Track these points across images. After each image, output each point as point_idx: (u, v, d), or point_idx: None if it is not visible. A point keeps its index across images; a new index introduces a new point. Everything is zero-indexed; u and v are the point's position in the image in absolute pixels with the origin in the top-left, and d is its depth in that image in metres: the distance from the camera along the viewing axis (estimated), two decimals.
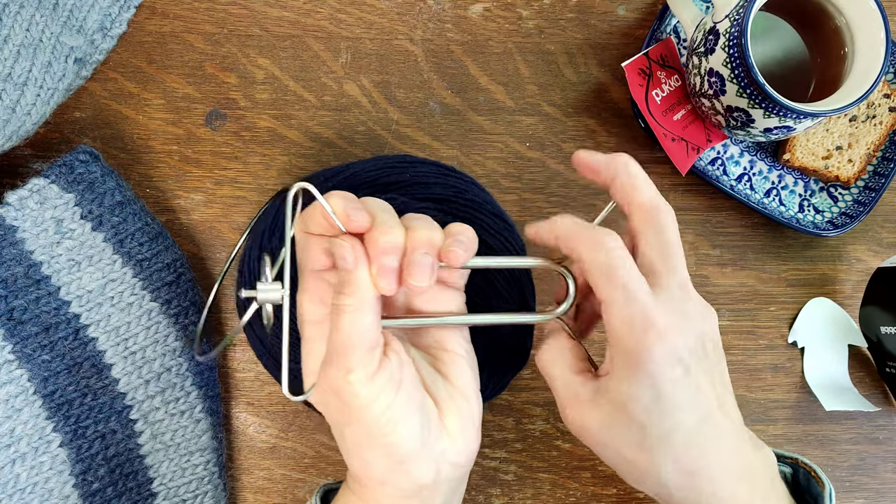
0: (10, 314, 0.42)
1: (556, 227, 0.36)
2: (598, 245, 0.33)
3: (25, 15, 0.43)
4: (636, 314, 0.32)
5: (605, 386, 0.34)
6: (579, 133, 0.52)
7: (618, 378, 0.33)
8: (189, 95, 0.49)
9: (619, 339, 0.33)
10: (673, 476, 0.33)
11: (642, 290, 0.33)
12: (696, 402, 0.33)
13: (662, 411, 0.32)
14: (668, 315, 0.32)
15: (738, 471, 0.34)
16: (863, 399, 0.51)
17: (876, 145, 0.51)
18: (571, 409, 0.35)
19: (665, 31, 0.51)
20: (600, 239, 0.34)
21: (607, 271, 0.33)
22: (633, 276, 0.33)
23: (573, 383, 0.35)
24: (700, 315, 0.34)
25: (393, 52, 0.51)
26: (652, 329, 0.32)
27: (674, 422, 0.33)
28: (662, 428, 0.33)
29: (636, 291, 0.33)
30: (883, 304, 0.50)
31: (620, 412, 0.33)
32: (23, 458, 0.42)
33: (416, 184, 0.44)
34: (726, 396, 0.35)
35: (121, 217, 0.44)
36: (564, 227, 0.35)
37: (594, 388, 0.34)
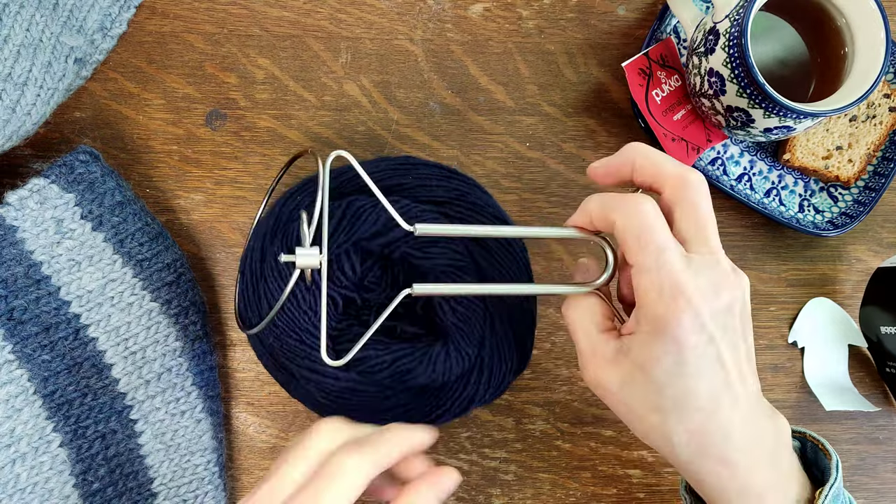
0: (10, 314, 0.42)
1: (587, 206, 0.37)
2: (632, 209, 0.34)
3: (25, 15, 0.43)
4: (666, 280, 0.33)
5: (628, 345, 0.34)
6: (579, 133, 0.52)
7: (642, 340, 0.34)
8: (189, 95, 0.49)
9: (647, 304, 0.33)
10: (683, 438, 0.34)
11: (675, 256, 0.33)
12: (715, 370, 0.33)
13: (681, 376, 0.33)
14: (697, 282, 0.33)
15: (748, 438, 0.34)
16: (863, 399, 0.51)
17: (876, 145, 0.51)
18: (591, 364, 0.36)
19: (665, 31, 0.51)
20: (635, 203, 0.34)
21: (640, 235, 0.33)
22: (667, 241, 0.33)
23: (596, 340, 0.36)
24: (730, 283, 0.34)
25: (393, 52, 0.51)
26: (681, 296, 0.32)
27: (690, 387, 0.33)
28: (679, 391, 0.33)
29: (668, 257, 0.33)
30: (883, 304, 0.50)
31: (640, 372, 0.34)
32: (23, 458, 0.42)
33: (418, 186, 0.44)
34: (746, 365, 0.35)
35: (121, 217, 0.44)
36: (596, 202, 0.36)
37: (616, 346, 0.35)
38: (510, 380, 0.45)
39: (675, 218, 0.35)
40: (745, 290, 0.35)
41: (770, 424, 0.36)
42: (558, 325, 0.50)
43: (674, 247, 0.33)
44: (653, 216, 0.34)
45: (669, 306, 0.32)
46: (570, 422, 0.50)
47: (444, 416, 0.44)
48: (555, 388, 0.50)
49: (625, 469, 0.50)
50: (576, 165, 0.51)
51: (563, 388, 0.50)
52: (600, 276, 0.38)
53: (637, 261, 0.34)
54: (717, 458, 0.34)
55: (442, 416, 0.44)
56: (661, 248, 0.33)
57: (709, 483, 0.35)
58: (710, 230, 0.34)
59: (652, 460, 0.50)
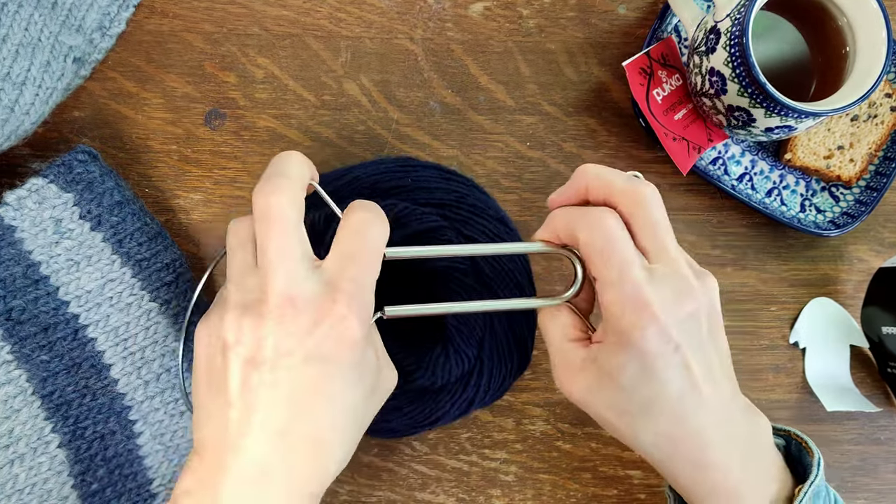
0: (8, 314, 0.42)
1: (553, 221, 0.37)
2: (595, 224, 0.35)
3: (24, 14, 0.43)
4: (628, 294, 0.33)
5: (596, 354, 0.35)
6: (580, 132, 0.52)
7: (608, 349, 0.34)
8: (188, 95, 0.49)
9: (612, 317, 0.34)
10: (652, 440, 0.35)
11: (637, 270, 0.34)
12: (682, 377, 0.34)
13: (648, 382, 0.34)
14: (660, 294, 0.33)
15: (720, 440, 0.35)
16: (864, 399, 0.51)
17: (877, 145, 0.51)
18: (560, 372, 0.37)
19: (666, 30, 0.51)
20: (598, 218, 0.35)
21: (602, 250, 0.34)
22: (629, 255, 0.34)
23: (566, 349, 0.37)
24: (693, 292, 0.34)
25: (393, 52, 0.51)
26: (645, 309, 0.33)
27: (657, 393, 0.34)
28: (645, 397, 0.34)
29: (630, 271, 0.33)
30: (884, 305, 0.49)
31: (607, 379, 0.34)
32: (21, 458, 0.42)
33: (417, 188, 0.44)
34: (719, 369, 0.35)
35: (120, 217, 0.44)
36: (561, 217, 0.37)
37: (584, 354, 0.36)
38: (510, 381, 0.45)
39: (633, 231, 0.35)
40: (712, 295, 0.36)
41: (747, 425, 0.36)
42: None
43: (636, 260, 0.34)
44: (615, 230, 0.34)
45: (634, 320, 0.33)
46: (570, 422, 0.50)
47: (445, 418, 0.44)
48: (555, 389, 0.50)
49: (626, 470, 0.50)
50: (576, 165, 0.51)
51: None
52: (569, 289, 0.38)
53: (601, 275, 0.34)
54: (688, 459, 0.35)
55: (442, 418, 0.44)
56: (624, 263, 0.34)
57: (682, 484, 0.36)
58: (668, 240, 0.35)
59: None
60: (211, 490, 0.31)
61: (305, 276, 0.32)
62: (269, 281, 0.32)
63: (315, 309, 0.32)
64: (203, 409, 0.33)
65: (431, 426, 0.45)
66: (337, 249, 0.34)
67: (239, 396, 0.32)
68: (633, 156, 0.52)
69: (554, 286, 0.50)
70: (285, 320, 0.31)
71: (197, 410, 0.33)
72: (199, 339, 0.34)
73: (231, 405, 0.32)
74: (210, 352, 0.33)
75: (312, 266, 0.33)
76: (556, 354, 0.37)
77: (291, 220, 0.33)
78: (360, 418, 0.34)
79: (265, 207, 0.33)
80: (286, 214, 0.33)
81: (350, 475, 0.48)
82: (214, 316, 0.33)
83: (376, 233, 0.34)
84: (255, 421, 0.31)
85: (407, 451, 0.49)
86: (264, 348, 0.31)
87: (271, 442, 0.32)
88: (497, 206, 0.46)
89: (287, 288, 0.32)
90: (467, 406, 0.44)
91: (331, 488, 0.48)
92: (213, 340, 0.33)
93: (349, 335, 0.32)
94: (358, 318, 0.32)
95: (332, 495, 0.48)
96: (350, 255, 0.33)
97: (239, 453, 0.31)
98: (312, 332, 0.32)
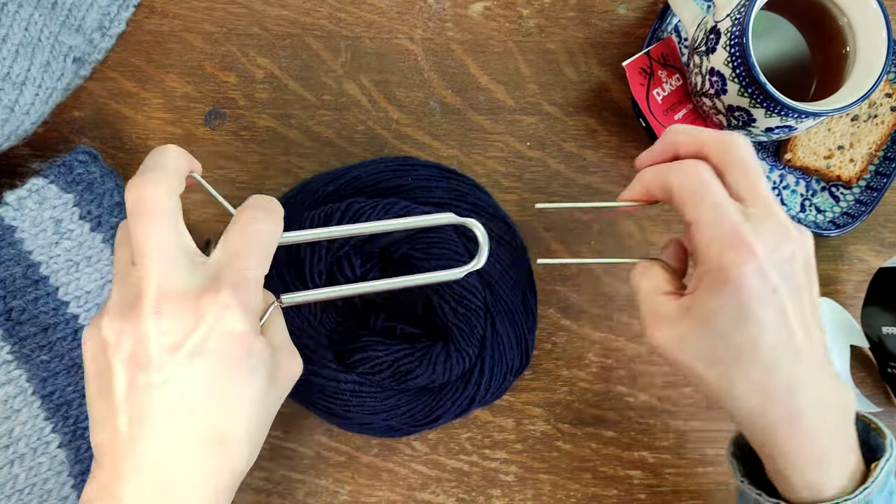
0: (8, 314, 0.42)
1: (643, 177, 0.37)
2: (687, 170, 0.35)
3: (24, 14, 0.43)
4: (725, 232, 0.33)
5: (689, 303, 0.35)
6: (580, 132, 0.51)
7: (703, 294, 0.34)
8: (188, 95, 0.49)
9: (707, 258, 0.34)
10: (745, 389, 0.34)
11: (732, 209, 0.34)
12: (778, 321, 0.33)
13: (745, 324, 0.33)
14: (756, 233, 0.33)
15: (814, 398, 0.34)
16: (864, 399, 0.51)
17: (878, 145, 0.51)
18: (651, 325, 0.36)
19: (666, 30, 0.51)
20: (689, 165, 0.35)
21: (695, 191, 0.34)
22: (721, 196, 0.34)
23: (658, 302, 0.36)
24: (791, 235, 0.34)
25: (393, 52, 0.51)
26: (742, 246, 0.33)
27: (754, 336, 0.33)
28: (741, 341, 0.33)
29: (725, 210, 0.33)
30: (885, 305, 0.49)
31: (702, 326, 0.34)
32: (21, 458, 0.42)
33: (418, 188, 0.44)
34: (812, 323, 0.35)
35: (120, 218, 0.44)
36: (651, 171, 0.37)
37: (677, 305, 0.35)
38: (511, 380, 0.45)
39: (726, 181, 0.35)
40: (808, 244, 0.35)
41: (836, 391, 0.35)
42: (559, 326, 0.50)
43: (730, 202, 0.34)
44: (707, 175, 0.34)
45: (730, 257, 0.33)
46: (570, 422, 0.50)
47: (445, 416, 0.44)
48: (555, 389, 0.50)
49: (626, 470, 0.50)
50: (576, 165, 0.51)
51: (563, 389, 0.50)
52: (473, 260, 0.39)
53: (695, 217, 0.34)
54: (779, 415, 0.34)
55: (442, 417, 0.44)
56: (718, 203, 0.34)
57: (770, 442, 0.35)
58: (762, 185, 0.35)
59: (653, 461, 0.50)
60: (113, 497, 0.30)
61: (185, 268, 0.31)
62: (145, 275, 0.30)
63: (197, 302, 0.31)
64: (96, 415, 0.32)
65: (432, 425, 0.45)
66: (223, 245, 0.33)
67: (126, 400, 0.30)
68: (634, 156, 0.51)
69: (554, 285, 0.50)
70: (164, 315, 0.30)
71: (91, 416, 0.32)
72: (84, 343, 0.32)
73: (119, 410, 0.30)
74: (94, 355, 0.31)
75: (193, 260, 0.32)
76: (646, 308, 0.37)
77: (164, 211, 0.31)
78: (261, 411, 0.33)
79: (136, 200, 0.31)
80: (158, 205, 0.31)
81: (350, 475, 0.48)
82: (97, 317, 0.32)
83: (265, 228, 0.34)
84: (147, 424, 0.30)
85: (407, 451, 0.49)
86: (146, 346, 0.30)
87: (167, 444, 0.30)
88: (497, 204, 0.46)
89: (164, 281, 0.30)
90: (468, 405, 0.44)
91: (331, 488, 0.48)
92: (96, 342, 0.31)
93: (234, 327, 0.31)
94: (243, 308, 0.31)
95: (333, 495, 0.48)
96: (236, 250, 0.33)
97: (136, 458, 0.30)
98: (196, 326, 0.30)
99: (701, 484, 0.50)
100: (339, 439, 0.48)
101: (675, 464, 0.50)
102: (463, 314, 0.42)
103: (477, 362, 0.43)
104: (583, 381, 0.50)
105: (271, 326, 0.36)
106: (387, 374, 0.42)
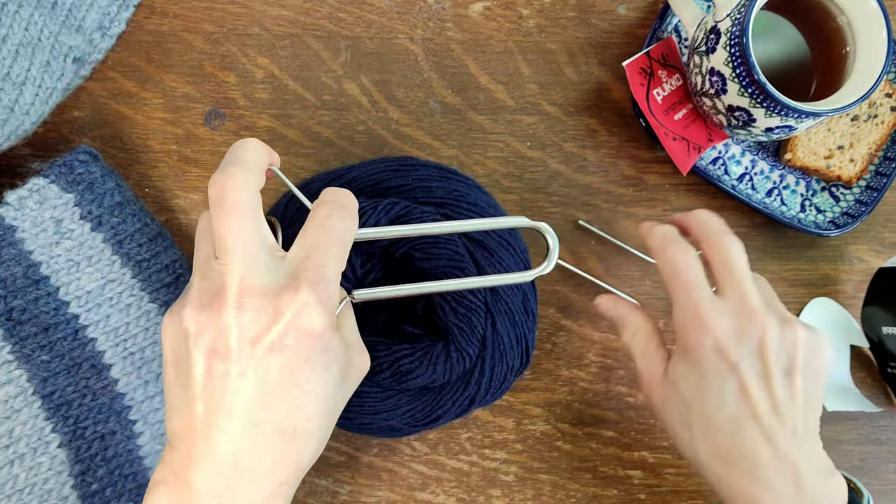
0: (9, 314, 0.42)
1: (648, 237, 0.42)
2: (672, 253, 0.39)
3: (24, 14, 0.43)
4: (691, 312, 0.38)
5: (669, 367, 0.40)
6: (580, 132, 0.51)
7: (675, 363, 0.39)
8: (188, 95, 0.49)
9: (680, 332, 0.39)
10: (707, 458, 0.37)
11: (702, 293, 0.38)
12: (736, 397, 0.36)
13: (705, 394, 0.37)
14: (721, 317, 0.37)
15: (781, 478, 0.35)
16: (864, 400, 0.51)
17: (878, 145, 0.51)
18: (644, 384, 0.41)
19: (666, 30, 0.51)
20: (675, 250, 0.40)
21: (674, 274, 0.39)
22: (694, 279, 0.38)
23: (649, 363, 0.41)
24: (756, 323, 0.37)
25: (393, 52, 0.51)
26: (701, 325, 0.37)
27: (713, 406, 0.37)
28: (703, 409, 0.37)
29: (696, 293, 0.38)
30: (885, 305, 0.49)
31: (674, 390, 0.39)
32: (21, 458, 0.42)
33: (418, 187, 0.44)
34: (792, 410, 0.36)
35: (120, 218, 0.44)
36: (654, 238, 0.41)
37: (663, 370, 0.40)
38: (511, 380, 0.45)
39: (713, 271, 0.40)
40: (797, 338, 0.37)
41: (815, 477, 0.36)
42: (559, 326, 0.50)
43: (703, 285, 0.38)
44: (686, 259, 0.39)
45: (694, 333, 0.37)
46: (570, 423, 0.50)
47: (445, 416, 0.44)
48: (555, 389, 0.50)
49: (626, 470, 0.50)
50: (577, 165, 0.51)
51: (563, 389, 0.50)
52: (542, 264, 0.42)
53: (673, 296, 0.39)
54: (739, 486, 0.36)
55: (443, 416, 0.44)
56: (690, 284, 0.38)
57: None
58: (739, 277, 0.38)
59: (653, 461, 0.50)
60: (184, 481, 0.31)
61: (266, 264, 0.32)
62: (228, 270, 0.31)
63: (277, 298, 0.31)
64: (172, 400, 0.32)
65: (432, 425, 0.45)
66: (301, 240, 0.33)
67: (204, 388, 0.31)
68: (634, 156, 0.52)
69: (554, 285, 0.50)
70: (246, 310, 0.31)
71: (167, 401, 0.33)
72: (164, 331, 0.33)
73: (197, 397, 0.31)
74: (175, 342, 0.32)
75: (274, 255, 0.32)
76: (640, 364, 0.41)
77: (247, 207, 0.32)
78: (331, 407, 0.34)
79: (219, 195, 0.32)
80: (240, 201, 0.32)
81: (350, 475, 0.48)
82: (178, 306, 0.33)
83: (342, 224, 0.34)
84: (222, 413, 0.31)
85: (407, 451, 0.49)
86: (227, 338, 0.31)
87: (241, 433, 0.31)
88: (497, 204, 0.46)
89: (246, 276, 0.31)
90: (468, 405, 0.44)
91: (331, 488, 0.48)
92: (177, 330, 0.32)
93: (313, 324, 0.31)
94: (322, 306, 0.32)
95: (333, 495, 0.48)
96: (314, 246, 0.33)
97: (209, 444, 0.31)
98: (275, 321, 0.31)
99: (701, 484, 0.50)
100: (339, 439, 0.48)
101: (675, 464, 0.50)
102: (463, 314, 0.42)
103: (477, 362, 0.43)
104: (583, 381, 0.50)
105: (343, 322, 0.37)
106: (387, 374, 0.42)
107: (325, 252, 0.33)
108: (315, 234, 0.34)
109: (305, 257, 0.33)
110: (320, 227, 0.34)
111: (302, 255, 0.33)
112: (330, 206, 0.35)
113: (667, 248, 0.40)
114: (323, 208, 0.34)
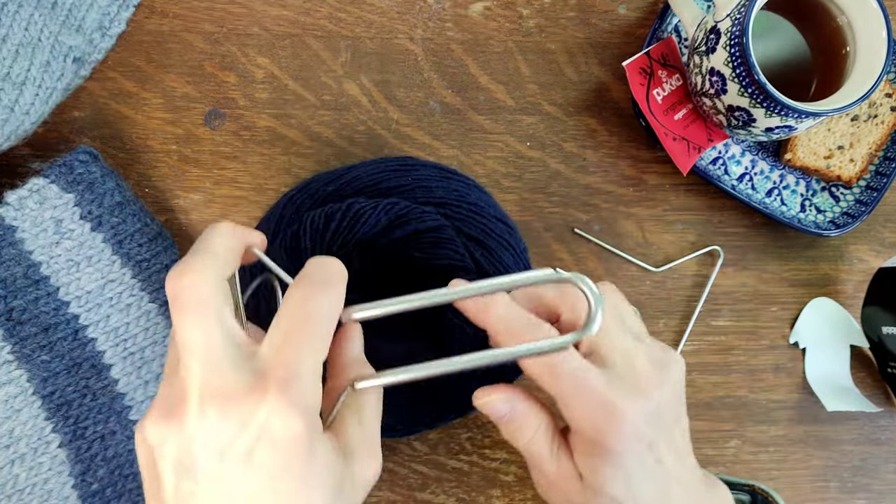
0: (9, 314, 0.42)
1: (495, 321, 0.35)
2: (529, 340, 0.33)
3: (24, 14, 0.43)
4: (591, 402, 0.32)
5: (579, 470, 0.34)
6: (580, 132, 0.51)
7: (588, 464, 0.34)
8: (188, 95, 0.49)
9: (582, 430, 0.33)
10: None
11: (590, 374, 0.32)
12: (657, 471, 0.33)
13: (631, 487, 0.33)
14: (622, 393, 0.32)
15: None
16: (864, 399, 0.51)
17: (878, 145, 0.51)
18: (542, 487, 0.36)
19: (666, 30, 0.51)
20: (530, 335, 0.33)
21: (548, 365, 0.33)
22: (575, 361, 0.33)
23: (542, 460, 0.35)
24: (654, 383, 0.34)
25: (393, 52, 0.51)
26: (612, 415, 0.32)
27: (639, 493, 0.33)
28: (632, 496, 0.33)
29: (584, 377, 0.32)
30: (885, 305, 0.49)
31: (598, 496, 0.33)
32: (22, 458, 0.42)
33: (418, 187, 0.44)
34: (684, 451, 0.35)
35: (120, 218, 0.44)
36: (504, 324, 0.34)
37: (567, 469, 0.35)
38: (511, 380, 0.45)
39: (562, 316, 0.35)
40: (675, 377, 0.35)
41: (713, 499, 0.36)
42: None
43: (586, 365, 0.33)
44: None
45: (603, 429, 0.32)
46: None
47: (445, 417, 0.44)
48: None
49: None
50: (577, 165, 0.51)
51: None
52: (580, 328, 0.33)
53: (556, 390, 0.33)
54: None
55: (442, 417, 0.44)
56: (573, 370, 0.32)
57: None
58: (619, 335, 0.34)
59: None
60: None
61: (232, 363, 0.28)
62: (187, 375, 0.28)
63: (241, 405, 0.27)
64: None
65: (432, 425, 0.45)
66: (275, 328, 0.29)
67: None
68: (634, 156, 0.52)
69: None
70: (208, 417, 0.27)
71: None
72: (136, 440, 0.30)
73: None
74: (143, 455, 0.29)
75: (242, 353, 0.28)
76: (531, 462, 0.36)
77: (205, 303, 0.28)
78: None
79: (174, 292, 0.28)
80: (199, 298, 0.28)
81: None
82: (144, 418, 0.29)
83: (324, 305, 0.30)
84: None
85: (407, 451, 0.49)
86: (191, 450, 0.27)
87: None
88: (497, 204, 0.46)
89: (209, 379, 0.27)
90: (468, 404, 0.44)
91: None
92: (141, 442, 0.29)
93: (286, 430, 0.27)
94: (295, 408, 0.27)
95: None
96: (286, 336, 0.29)
97: None
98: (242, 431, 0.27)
99: None
100: None
101: None
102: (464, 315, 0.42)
103: None
104: None
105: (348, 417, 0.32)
106: None
107: (297, 343, 0.29)
108: (289, 323, 0.29)
109: (276, 351, 0.28)
110: (295, 313, 0.29)
111: (272, 351, 0.29)
112: (308, 285, 0.30)
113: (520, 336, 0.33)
114: (300, 288, 0.30)
